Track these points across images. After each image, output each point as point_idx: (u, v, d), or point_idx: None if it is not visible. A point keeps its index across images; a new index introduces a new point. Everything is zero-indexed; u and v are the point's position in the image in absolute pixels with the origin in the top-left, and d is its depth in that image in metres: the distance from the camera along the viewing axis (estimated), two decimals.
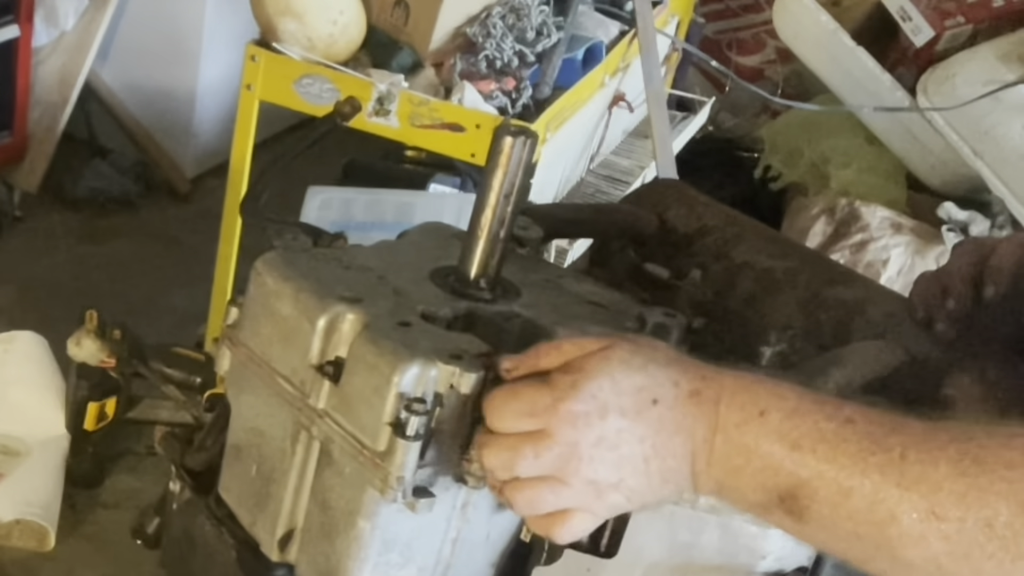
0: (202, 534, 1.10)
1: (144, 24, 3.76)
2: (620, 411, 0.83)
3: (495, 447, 0.85)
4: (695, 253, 1.23)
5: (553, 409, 0.83)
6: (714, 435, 0.83)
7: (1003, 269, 1.06)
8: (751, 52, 4.17)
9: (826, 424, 0.81)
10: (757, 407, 0.82)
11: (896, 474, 0.78)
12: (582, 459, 0.83)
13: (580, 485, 0.84)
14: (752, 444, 0.82)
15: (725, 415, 0.83)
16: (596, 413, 0.83)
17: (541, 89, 2.62)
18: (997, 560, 0.76)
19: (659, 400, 0.83)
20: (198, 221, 3.67)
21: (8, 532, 1.44)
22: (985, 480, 0.76)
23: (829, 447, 0.80)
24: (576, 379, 0.83)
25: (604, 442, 0.83)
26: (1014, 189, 3.24)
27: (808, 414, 0.82)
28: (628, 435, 0.83)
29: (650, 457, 0.84)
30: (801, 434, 0.81)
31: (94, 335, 1.47)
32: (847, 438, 0.80)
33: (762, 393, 0.83)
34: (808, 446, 0.80)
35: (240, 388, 1.05)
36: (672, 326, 1.04)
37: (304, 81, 2.55)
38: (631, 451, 0.84)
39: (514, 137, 0.97)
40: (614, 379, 0.83)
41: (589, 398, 0.83)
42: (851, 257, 3.27)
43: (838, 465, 0.79)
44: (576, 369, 0.84)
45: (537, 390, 0.84)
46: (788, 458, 0.81)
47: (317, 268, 1.01)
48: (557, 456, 0.83)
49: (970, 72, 3.27)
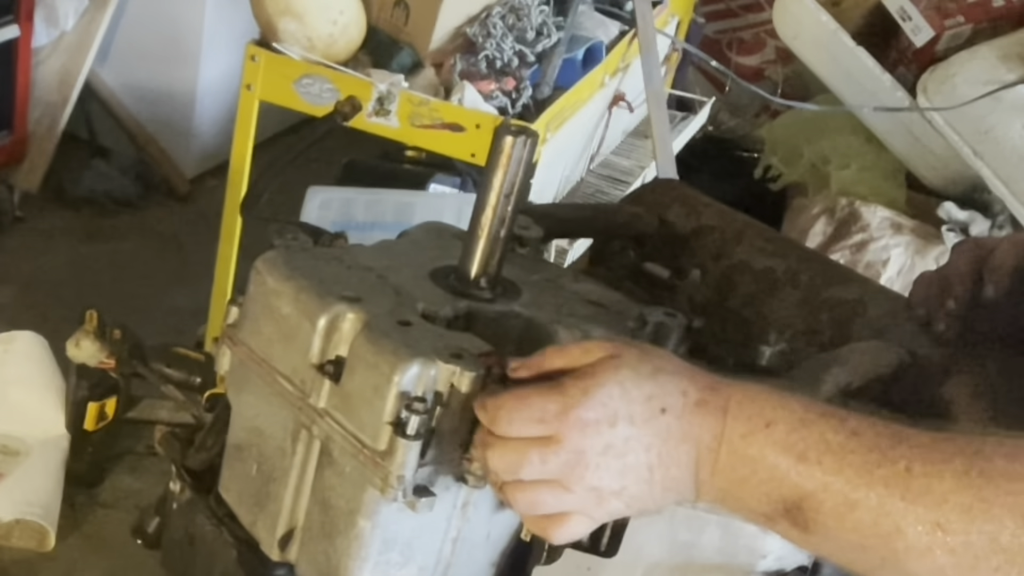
0: (202, 534, 1.10)
1: (144, 24, 3.76)
2: (629, 419, 0.83)
3: (501, 449, 0.85)
4: (695, 253, 1.23)
5: (563, 416, 0.83)
6: (719, 445, 0.83)
7: (1002, 269, 1.06)
8: (751, 52, 4.17)
9: (832, 436, 0.81)
10: (763, 418, 0.82)
11: (901, 486, 0.78)
12: (588, 466, 0.83)
13: (582, 491, 0.84)
14: (757, 455, 0.82)
15: (731, 425, 0.83)
16: (606, 421, 0.83)
17: (541, 89, 2.62)
18: (1003, 573, 0.76)
19: (667, 409, 0.83)
20: (198, 221, 3.67)
21: (8, 532, 1.43)
22: (990, 493, 0.76)
23: (835, 459, 0.80)
24: (587, 386, 0.83)
25: (611, 450, 0.83)
26: (1014, 189, 3.24)
27: (814, 425, 0.82)
28: (635, 443, 0.83)
29: (655, 466, 0.84)
30: (807, 446, 0.81)
31: (94, 335, 1.47)
32: (853, 450, 0.80)
33: (768, 404, 0.83)
34: (814, 458, 0.80)
35: (240, 387, 1.05)
36: (672, 326, 1.04)
37: (304, 81, 2.55)
38: (636, 460, 0.84)
39: (514, 137, 0.97)
40: (624, 387, 0.83)
41: (599, 405, 0.83)
42: (851, 257, 3.27)
43: (843, 477, 0.80)
44: (587, 376, 0.84)
45: (547, 396, 0.84)
46: (793, 469, 0.81)
47: (317, 267, 1.01)
48: (563, 462, 0.83)
49: (970, 72, 3.27)
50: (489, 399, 0.86)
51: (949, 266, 1.10)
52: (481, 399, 0.87)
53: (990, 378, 1.03)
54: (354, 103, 1.27)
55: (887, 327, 1.09)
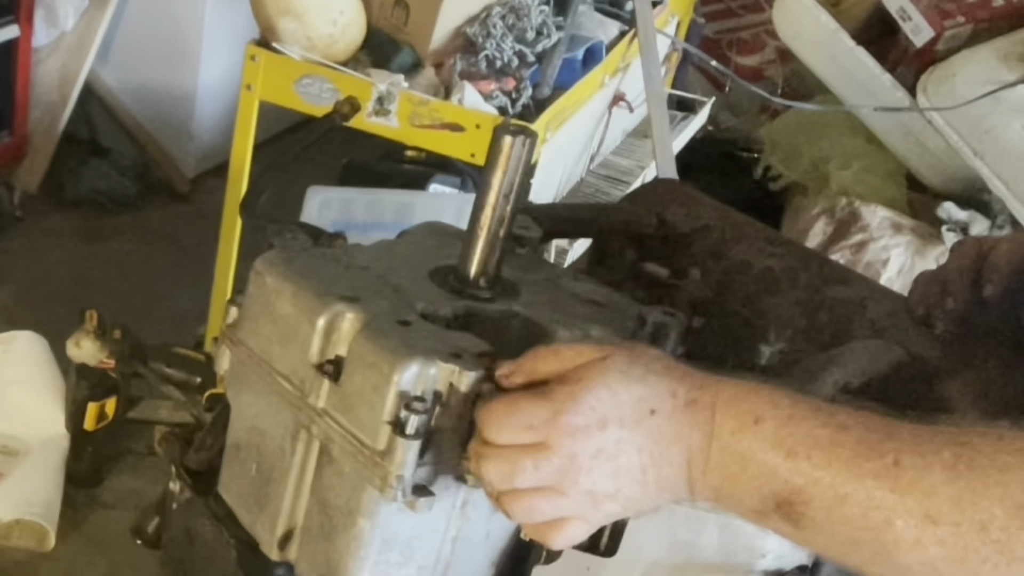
0: (202, 534, 1.10)
1: (144, 24, 3.76)
2: (619, 422, 0.83)
3: (494, 459, 0.85)
4: (694, 252, 1.23)
5: (553, 422, 0.83)
6: (710, 443, 0.83)
7: (1002, 268, 1.07)
8: (751, 52, 4.18)
9: (821, 430, 0.81)
10: (752, 415, 0.83)
11: (890, 479, 0.78)
12: (580, 470, 0.83)
13: (577, 495, 0.84)
14: (747, 451, 0.82)
15: (721, 423, 0.83)
16: (595, 425, 0.83)
17: (541, 89, 2.62)
18: (992, 563, 0.76)
19: (657, 410, 0.84)
20: (198, 221, 3.67)
21: (8, 532, 1.44)
22: (979, 483, 0.77)
23: (824, 453, 0.80)
24: (574, 390, 0.83)
25: (603, 453, 0.83)
26: (1014, 189, 3.24)
27: (803, 421, 0.82)
28: (627, 445, 0.83)
29: (647, 467, 0.84)
30: (796, 441, 0.81)
31: (94, 335, 1.47)
32: (842, 444, 0.80)
33: (757, 401, 0.83)
34: (803, 453, 0.81)
35: (240, 387, 1.05)
36: (672, 325, 1.04)
37: (304, 81, 2.55)
38: (629, 461, 0.84)
39: (514, 137, 0.97)
40: (612, 390, 0.83)
41: (588, 410, 0.83)
42: (851, 257, 3.27)
43: (833, 471, 0.80)
44: (574, 380, 0.84)
45: (536, 402, 0.84)
46: (783, 465, 0.81)
47: (317, 267, 1.01)
48: (556, 468, 0.83)
49: (970, 72, 3.27)
50: (480, 408, 0.87)
51: (948, 266, 1.10)
52: (477, 408, 0.87)
53: (990, 377, 1.03)
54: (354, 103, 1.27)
55: (887, 327, 1.09)
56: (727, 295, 1.19)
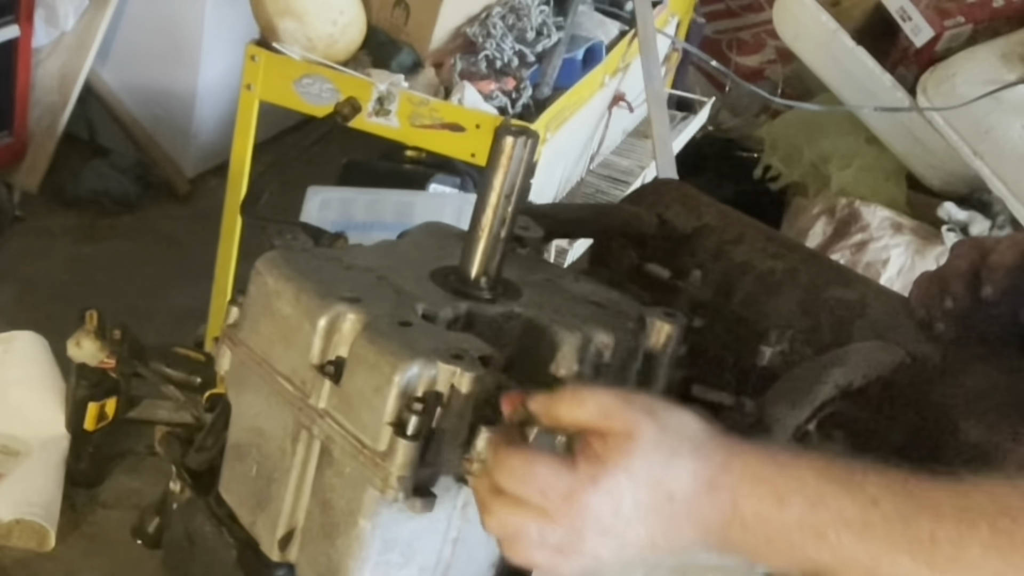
0: (202, 534, 1.10)
1: (144, 24, 3.75)
2: (635, 505, 0.82)
3: (499, 515, 0.84)
4: (695, 253, 1.23)
5: (567, 499, 0.82)
6: (729, 525, 0.82)
7: (1001, 268, 1.07)
8: (751, 52, 4.17)
9: (851, 510, 0.80)
10: (776, 496, 0.81)
11: (927, 555, 0.78)
12: (585, 543, 0.83)
13: (579, 558, 0.84)
14: (773, 534, 0.81)
15: (742, 505, 0.82)
16: (609, 511, 0.82)
17: (541, 89, 2.62)
18: None
19: (675, 495, 0.82)
20: (198, 221, 3.67)
21: (8, 532, 1.43)
22: (1019, 559, 0.76)
23: (854, 535, 0.79)
24: (597, 473, 0.82)
25: (611, 532, 0.82)
26: (1014, 189, 3.24)
27: (831, 501, 0.80)
28: (638, 525, 0.82)
29: (657, 540, 0.83)
30: (824, 523, 0.80)
31: (94, 335, 1.47)
32: (873, 523, 0.79)
33: (780, 480, 0.82)
34: (832, 536, 0.80)
35: (240, 388, 1.05)
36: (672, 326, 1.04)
37: (304, 81, 2.55)
38: (637, 536, 0.83)
39: (515, 137, 0.97)
40: (633, 476, 0.82)
41: (604, 494, 0.82)
42: (851, 257, 3.27)
43: (865, 551, 0.79)
44: (595, 459, 0.82)
45: (555, 473, 0.82)
46: (812, 546, 0.80)
47: (317, 268, 1.01)
48: (560, 537, 0.83)
49: (970, 72, 3.27)
50: (501, 446, 0.85)
51: (948, 266, 1.10)
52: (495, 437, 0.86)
53: (990, 378, 1.03)
54: (354, 103, 1.27)
55: (887, 327, 1.09)
56: (728, 296, 1.19)
